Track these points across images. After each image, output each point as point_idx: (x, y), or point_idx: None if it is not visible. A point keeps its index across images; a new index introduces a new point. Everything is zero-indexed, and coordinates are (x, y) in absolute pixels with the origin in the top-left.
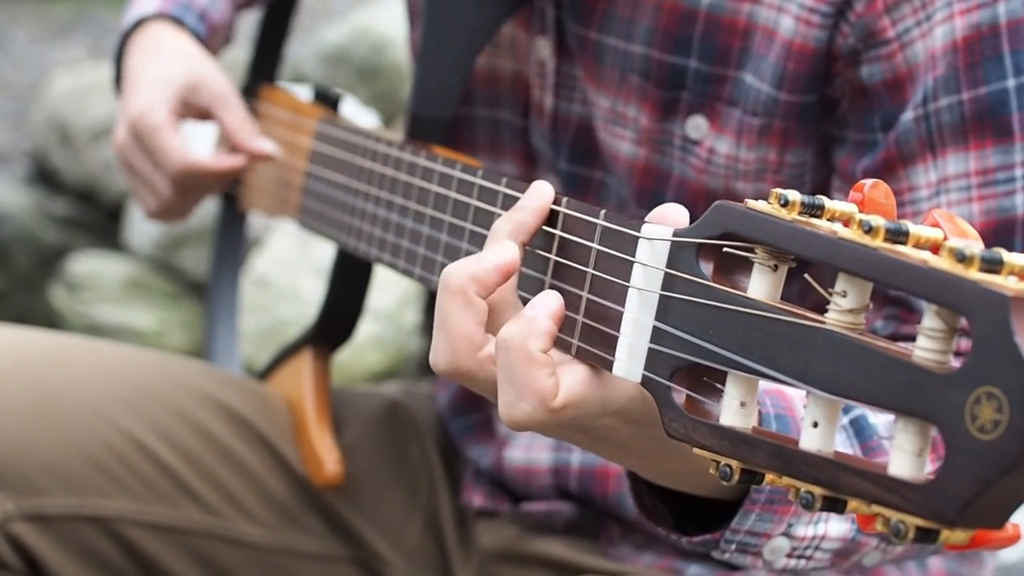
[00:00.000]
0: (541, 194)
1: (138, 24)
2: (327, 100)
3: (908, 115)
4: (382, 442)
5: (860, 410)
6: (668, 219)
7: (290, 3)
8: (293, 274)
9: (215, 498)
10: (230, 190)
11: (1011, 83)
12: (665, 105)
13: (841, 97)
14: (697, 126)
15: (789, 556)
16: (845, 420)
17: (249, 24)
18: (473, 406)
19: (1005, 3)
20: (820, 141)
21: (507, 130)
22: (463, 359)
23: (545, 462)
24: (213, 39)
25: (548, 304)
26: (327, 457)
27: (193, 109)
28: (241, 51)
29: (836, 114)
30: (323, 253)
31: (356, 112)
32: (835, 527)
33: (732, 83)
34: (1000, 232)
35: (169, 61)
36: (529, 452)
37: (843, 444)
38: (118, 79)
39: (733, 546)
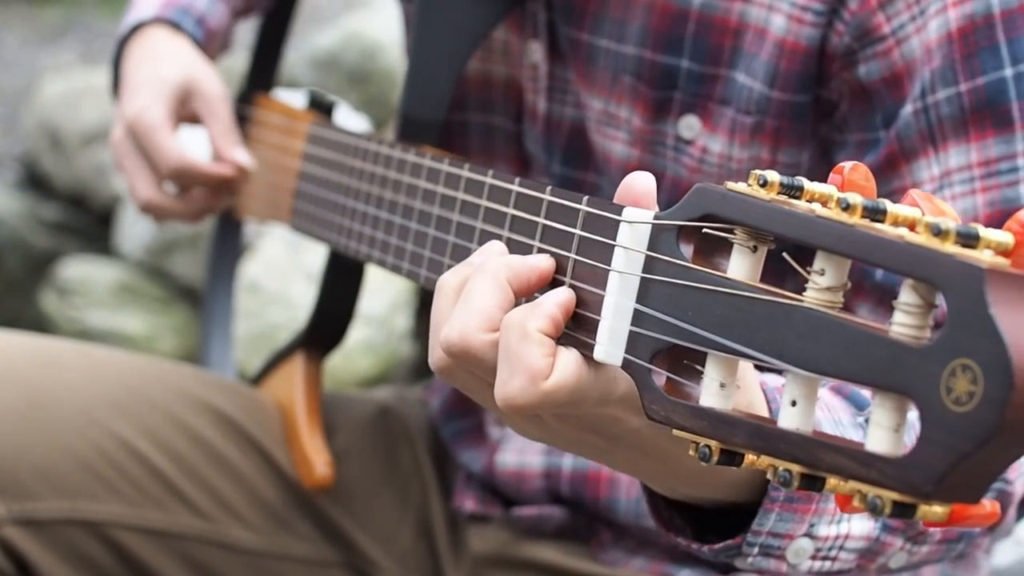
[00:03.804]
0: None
1: (136, 29)
2: (321, 107)
3: (907, 109)
4: (374, 447)
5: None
6: (636, 191)
7: (287, 12)
8: (284, 279)
9: (207, 502)
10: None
11: (1009, 72)
12: (657, 105)
13: (839, 100)
14: (690, 126)
15: (813, 558)
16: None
17: (247, 33)
18: (465, 411)
19: None
20: (818, 145)
21: (500, 135)
22: (474, 334)
23: (537, 466)
24: (211, 44)
25: (558, 293)
26: (317, 459)
27: (187, 112)
28: (238, 59)
29: (835, 118)
30: (314, 258)
31: (347, 117)
32: (858, 525)
33: (724, 82)
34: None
35: (166, 63)
36: (521, 456)
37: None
38: (116, 83)
39: (755, 549)
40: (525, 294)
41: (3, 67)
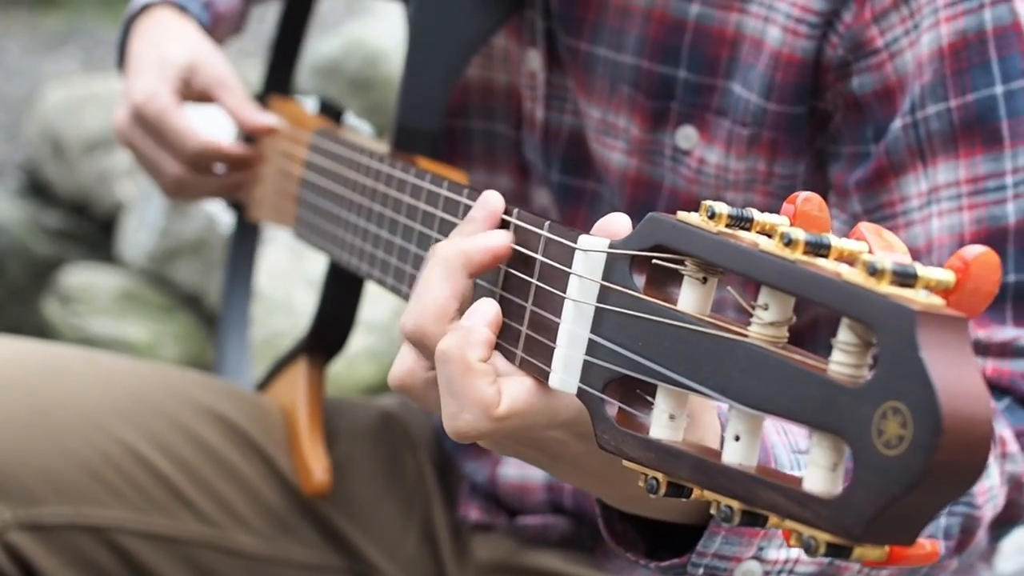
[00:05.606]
0: (488, 203)
1: (143, 10)
2: (331, 112)
3: (897, 124)
4: (377, 453)
5: None
6: (610, 229)
7: (305, 11)
8: (287, 286)
9: (211, 508)
10: (238, 200)
11: (999, 89)
12: (655, 115)
13: (834, 111)
14: (687, 136)
15: None
16: None
17: (252, 43)
18: None
19: (991, 9)
20: (813, 156)
21: (501, 142)
22: (429, 323)
23: (539, 478)
24: (217, 28)
25: (484, 313)
26: (316, 466)
27: (193, 91)
28: (248, 68)
29: (830, 129)
30: (316, 265)
31: (355, 124)
32: None
33: (721, 93)
34: (991, 241)
35: (169, 44)
36: (523, 468)
37: None
38: (122, 63)
39: (701, 570)
40: (480, 270)
41: (5, 74)
